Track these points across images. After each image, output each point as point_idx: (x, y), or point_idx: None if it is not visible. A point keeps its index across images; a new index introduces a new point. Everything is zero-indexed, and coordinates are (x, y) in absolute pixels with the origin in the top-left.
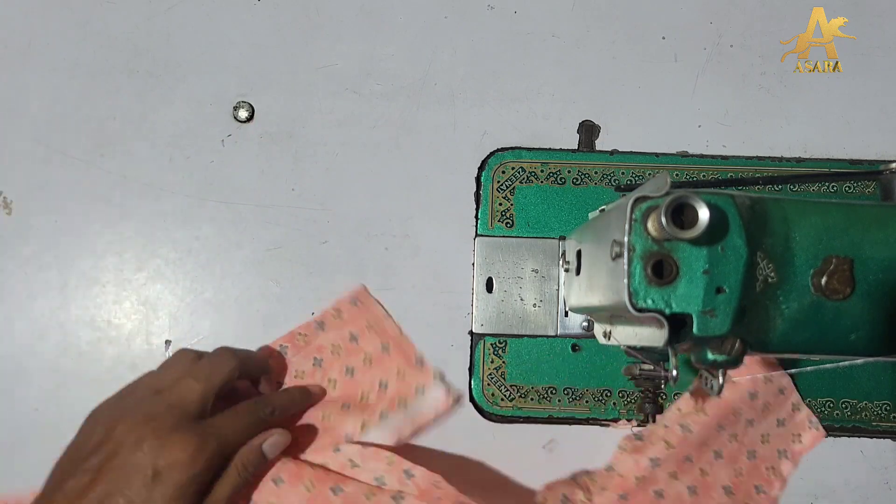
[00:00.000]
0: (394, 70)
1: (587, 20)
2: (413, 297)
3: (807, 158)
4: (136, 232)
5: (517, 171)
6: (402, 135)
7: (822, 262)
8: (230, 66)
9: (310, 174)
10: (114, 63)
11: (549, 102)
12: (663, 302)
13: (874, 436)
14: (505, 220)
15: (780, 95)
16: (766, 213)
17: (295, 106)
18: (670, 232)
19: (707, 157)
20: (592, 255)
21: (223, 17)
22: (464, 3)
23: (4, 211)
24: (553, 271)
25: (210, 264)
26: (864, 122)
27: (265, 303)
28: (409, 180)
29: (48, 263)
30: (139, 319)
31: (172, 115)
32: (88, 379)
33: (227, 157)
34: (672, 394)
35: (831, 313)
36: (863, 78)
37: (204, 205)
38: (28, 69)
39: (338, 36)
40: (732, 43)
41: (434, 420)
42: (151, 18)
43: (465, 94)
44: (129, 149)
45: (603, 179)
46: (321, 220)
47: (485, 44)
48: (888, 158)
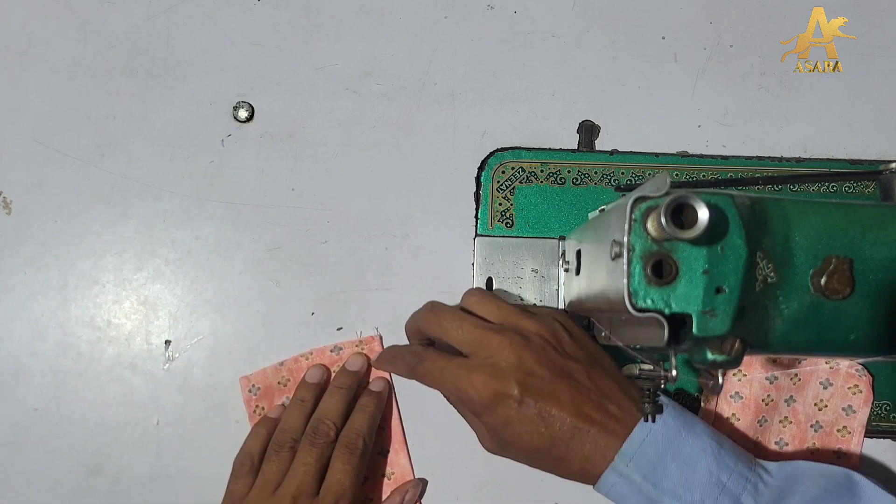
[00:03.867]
0: (394, 70)
1: (587, 20)
2: (413, 297)
3: (807, 158)
4: (136, 232)
5: (517, 171)
6: (402, 135)
7: (822, 262)
8: (230, 66)
9: (310, 174)
10: (114, 63)
11: (549, 102)
12: (663, 302)
13: (874, 436)
14: (505, 220)
15: (780, 95)
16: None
17: (295, 106)
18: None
19: (707, 157)
20: (592, 255)
21: (223, 17)
22: (464, 3)
23: (4, 211)
24: (553, 271)
25: (210, 264)
26: (864, 122)
27: (265, 303)
28: (409, 180)
29: (48, 263)
30: (139, 319)
31: (172, 115)
32: (88, 379)
33: (227, 157)
34: (672, 393)
35: (831, 313)
36: (863, 78)
37: (204, 205)
38: (28, 69)
39: (338, 36)
40: (732, 43)
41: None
42: (151, 18)
43: (465, 94)
44: (129, 149)
45: (603, 179)
46: (321, 220)
47: (485, 44)
48: (888, 158)
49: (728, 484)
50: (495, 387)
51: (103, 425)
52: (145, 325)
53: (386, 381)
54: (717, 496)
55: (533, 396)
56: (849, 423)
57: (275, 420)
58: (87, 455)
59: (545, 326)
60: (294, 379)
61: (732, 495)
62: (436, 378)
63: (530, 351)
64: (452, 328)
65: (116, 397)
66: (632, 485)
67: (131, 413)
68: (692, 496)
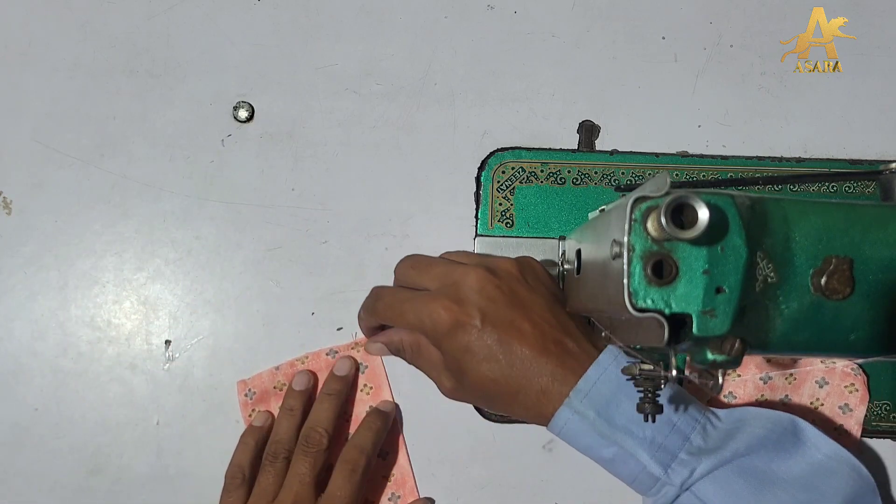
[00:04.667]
0: (394, 70)
1: (587, 20)
2: None
3: (807, 158)
4: (136, 232)
5: (517, 171)
6: (402, 135)
7: (822, 262)
8: (230, 66)
9: (310, 174)
10: (114, 63)
11: (549, 102)
12: (663, 302)
13: (874, 436)
14: (505, 220)
15: (780, 95)
16: (766, 213)
17: (295, 106)
18: (670, 232)
19: (707, 157)
20: (592, 255)
21: (223, 17)
22: (464, 3)
23: (4, 211)
24: (553, 271)
25: (210, 264)
26: (864, 122)
27: (265, 303)
28: (409, 180)
29: (48, 263)
30: (139, 319)
31: (172, 115)
32: (88, 379)
33: (227, 157)
34: None
35: (831, 313)
36: (863, 78)
37: (204, 205)
38: (28, 69)
39: (338, 36)
40: (732, 43)
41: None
42: (151, 18)
43: (465, 94)
44: (129, 149)
45: (603, 179)
46: (321, 220)
47: (485, 44)
48: (888, 158)
49: (678, 423)
50: (457, 313)
51: (103, 425)
52: (145, 325)
53: (393, 403)
54: (668, 434)
55: (493, 325)
56: (845, 421)
57: (260, 428)
58: (87, 455)
59: (512, 262)
60: (290, 382)
61: (682, 434)
62: (396, 309)
63: (496, 280)
64: (422, 267)
65: (116, 397)
66: (585, 421)
67: (131, 413)
68: (643, 432)
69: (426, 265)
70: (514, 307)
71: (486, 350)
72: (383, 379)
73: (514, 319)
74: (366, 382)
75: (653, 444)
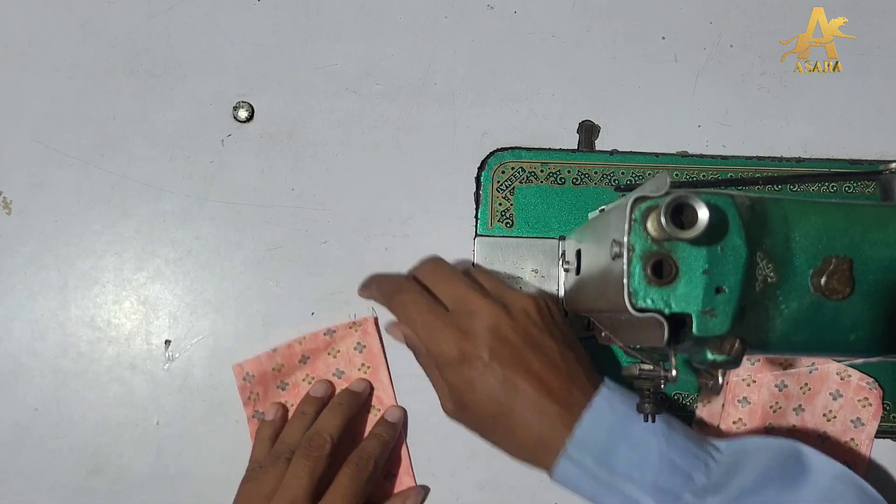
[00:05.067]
0: (394, 70)
1: (587, 20)
2: None
3: (807, 158)
4: (135, 232)
5: (517, 171)
6: (402, 135)
7: (822, 262)
8: (230, 66)
9: (310, 174)
10: (114, 63)
11: (549, 102)
12: (663, 302)
13: (874, 436)
14: (505, 220)
15: (780, 95)
16: (765, 213)
17: (295, 106)
18: (670, 232)
19: (707, 157)
20: (592, 255)
21: (223, 17)
22: (464, 3)
23: (4, 211)
24: (553, 271)
25: (210, 264)
26: (864, 122)
27: (265, 303)
28: (409, 180)
29: (48, 263)
30: (139, 319)
31: (172, 115)
32: (88, 379)
33: (227, 157)
34: (672, 393)
35: (831, 313)
36: (863, 78)
37: (204, 205)
38: (28, 69)
39: (338, 36)
40: (732, 43)
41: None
42: (151, 18)
43: (465, 94)
44: (129, 149)
45: (603, 179)
46: (321, 220)
47: (485, 44)
48: (888, 158)
49: (680, 463)
50: (465, 346)
51: (103, 425)
52: (145, 325)
53: (402, 411)
54: (670, 475)
55: (501, 363)
56: (856, 435)
57: (272, 422)
58: (87, 455)
59: (531, 301)
60: (288, 364)
61: (684, 473)
62: (409, 315)
63: (509, 320)
64: (442, 280)
65: (116, 397)
66: (584, 470)
67: (131, 413)
68: (645, 477)
69: (447, 280)
70: (525, 350)
71: (489, 386)
72: (381, 360)
73: (522, 360)
74: (363, 361)
75: (655, 488)
